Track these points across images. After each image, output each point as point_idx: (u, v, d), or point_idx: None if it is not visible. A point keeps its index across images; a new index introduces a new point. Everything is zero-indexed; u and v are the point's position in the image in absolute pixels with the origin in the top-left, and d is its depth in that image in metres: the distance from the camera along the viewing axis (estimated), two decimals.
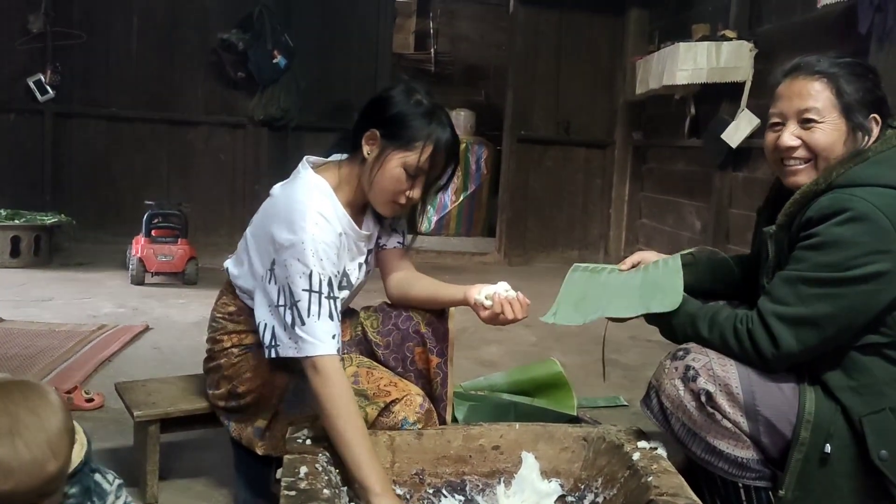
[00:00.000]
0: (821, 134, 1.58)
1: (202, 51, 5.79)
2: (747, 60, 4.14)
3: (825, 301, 1.48)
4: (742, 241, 4.35)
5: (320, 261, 1.61)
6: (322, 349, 1.58)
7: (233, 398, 1.81)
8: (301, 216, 1.62)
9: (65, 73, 5.57)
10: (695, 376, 1.55)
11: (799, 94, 1.59)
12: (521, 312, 1.70)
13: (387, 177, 1.68)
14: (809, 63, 1.61)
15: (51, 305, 3.87)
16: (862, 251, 1.45)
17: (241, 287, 1.79)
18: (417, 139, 1.67)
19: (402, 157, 1.67)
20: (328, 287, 1.61)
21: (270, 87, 5.74)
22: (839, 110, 1.57)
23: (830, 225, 1.48)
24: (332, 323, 1.60)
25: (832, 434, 1.50)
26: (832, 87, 1.56)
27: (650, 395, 1.65)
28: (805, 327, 1.49)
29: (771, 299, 1.53)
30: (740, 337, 1.54)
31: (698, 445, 1.58)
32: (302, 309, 1.59)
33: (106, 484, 1.30)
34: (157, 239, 4.47)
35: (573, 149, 6.12)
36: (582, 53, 6.01)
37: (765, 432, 1.53)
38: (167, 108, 5.84)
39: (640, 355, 3.37)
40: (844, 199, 1.48)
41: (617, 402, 2.79)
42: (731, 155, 4.32)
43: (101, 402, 2.48)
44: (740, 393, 1.52)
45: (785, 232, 1.60)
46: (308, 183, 1.71)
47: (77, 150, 5.76)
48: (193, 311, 3.82)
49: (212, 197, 5.90)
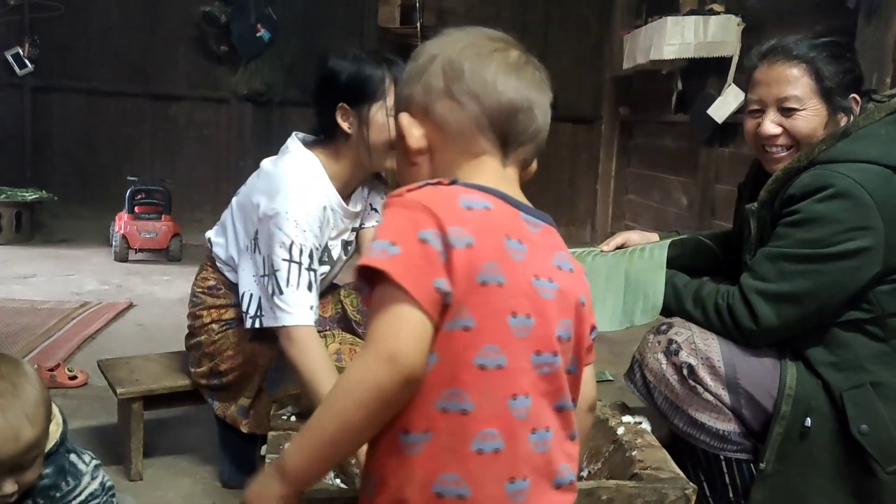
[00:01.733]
0: (802, 121, 1.57)
1: (184, 24, 5.68)
2: (735, 35, 4.11)
3: (806, 277, 1.48)
4: (728, 217, 4.34)
5: (303, 232, 1.60)
6: (296, 319, 1.57)
7: (215, 376, 1.80)
8: (287, 187, 1.62)
9: (43, 46, 5.45)
10: (677, 350, 1.56)
11: (777, 81, 1.58)
12: None
13: (381, 130, 1.66)
14: (787, 47, 1.58)
15: (33, 282, 3.83)
16: (843, 227, 1.45)
17: (222, 258, 1.78)
18: (382, 82, 1.65)
19: (379, 105, 1.66)
20: (308, 258, 1.60)
21: (254, 61, 5.66)
22: (819, 95, 1.56)
23: (812, 202, 1.48)
24: (309, 294, 1.60)
25: (812, 408, 1.51)
26: (811, 72, 1.55)
27: (633, 369, 1.67)
28: (786, 303, 1.50)
29: (753, 275, 1.54)
30: (721, 312, 1.55)
31: (680, 418, 1.59)
32: (280, 279, 1.59)
33: (81, 464, 1.30)
34: (140, 215, 4.43)
35: (560, 124, 6.08)
36: (569, 27, 5.97)
37: (746, 405, 1.55)
38: (149, 82, 5.75)
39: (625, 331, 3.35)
40: (826, 175, 1.48)
41: (602, 378, 2.80)
42: (717, 130, 4.32)
43: (84, 379, 2.46)
44: (722, 366, 1.54)
45: (767, 209, 1.60)
46: (297, 157, 1.71)
47: (58, 125, 5.66)
48: (177, 287, 3.80)
49: (196, 173, 5.84)
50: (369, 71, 1.66)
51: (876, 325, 1.52)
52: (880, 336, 1.52)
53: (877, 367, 1.51)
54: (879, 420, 1.48)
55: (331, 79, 1.68)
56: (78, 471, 1.29)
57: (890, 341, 1.52)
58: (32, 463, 1.16)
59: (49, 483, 1.24)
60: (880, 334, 1.52)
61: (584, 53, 6.00)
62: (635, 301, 1.65)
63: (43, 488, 1.23)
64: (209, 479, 1.92)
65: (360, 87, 1.66)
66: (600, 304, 1.69)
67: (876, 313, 1.51)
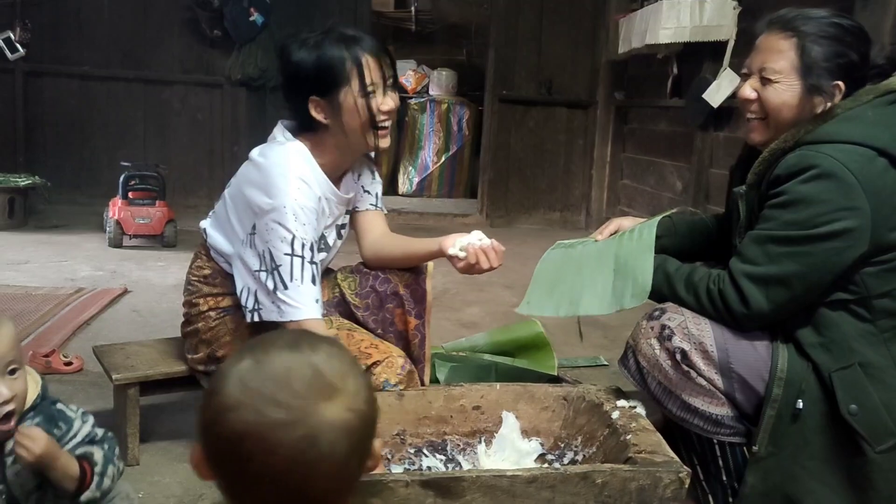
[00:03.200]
0: (773, 93, 1.58)
1: (176, 7, 5.63)
2: (731, 18, 4.10)
3: (794, 259, 1.49)
4: (722, 202, 4.35)
5: (303, 225, 1.60)
6: (306, 313, 1.58)
7: (212, 362, 1.80)
8: (282, 180, 1.61)
9: (35, 30, 5.39)
10: (670, 335, 1.57)
11: (766, 49, 1.59)
12: (495, 261, 1.69)
13: (353, 114, 1.66)
14: (786, 18, 1.59)
15: (27, 268, 3.82)
16: (828, 208, 1.46)
17: (218, 249, 1.78)
18: (345, 66, 1.64)
19: (347, 90, 1.65)
20: (310, 252, 1.61)
21: (247, 45, 5.62)
22: (798, 72, 1.55)
23: (796, 182, 1.48)
24: (314, 287, 1.60)
25: (804, 390, 1.52)
26: (798, 47, 1.55)
27: (627, 354, 1.67)
28: (775, 286, 1.51)
29: (741, 259, 1.55)
30: (712, 297, 1.56)
31: (674, 403, 1.60)
32: (284, 273, 1.58)
33: (69, 412, 1.35)
34: (134, 201, 4.41)
35: (555, 109, 6.08)
36: (564, 11, 5.93)
37: (739, 389, 1.56)
38: (142, 67, 5.71)
39: (619, 316, 3.36)
40: (810, 156, 1.48)
41: (597, 362, 2.81)
42: (712, 115, 4.31)
43: (79, 365, 2.46)
44: (714, 351, 1.55)
45: (755, 191, 1.60)
46: (287, 147, 1.69)
47: (50, 110, 5.62)
48: (172, 273, 3.79)
49: (190, 158, 5.81)
50: (330, 57, 1.64)
51: (862, 306, 1.53)
52: (866, 317, 1.53)
53: (864, 347, 1.52)
54: (868, 400, 1.50)
55: (296, 74, 1.67)
56: (67, 417, 1.34)
57: (876, 322, 1.53)
58: (18, 371, 1.24)
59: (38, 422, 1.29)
60: (866, 315, 1.53)
61: (580, 38, 5.97)
62: (624, 285, 1.65)
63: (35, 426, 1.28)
64: None
65: (324, 77, 1.64)
66: (591, 288, 1.70)
67: (862, 294, 1.52)
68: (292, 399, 0.72)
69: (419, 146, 7.04)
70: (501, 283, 3.80)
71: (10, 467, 1.27)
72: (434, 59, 7.47)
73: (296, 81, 1.67)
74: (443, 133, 7.01)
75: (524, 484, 1.36)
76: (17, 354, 1.24)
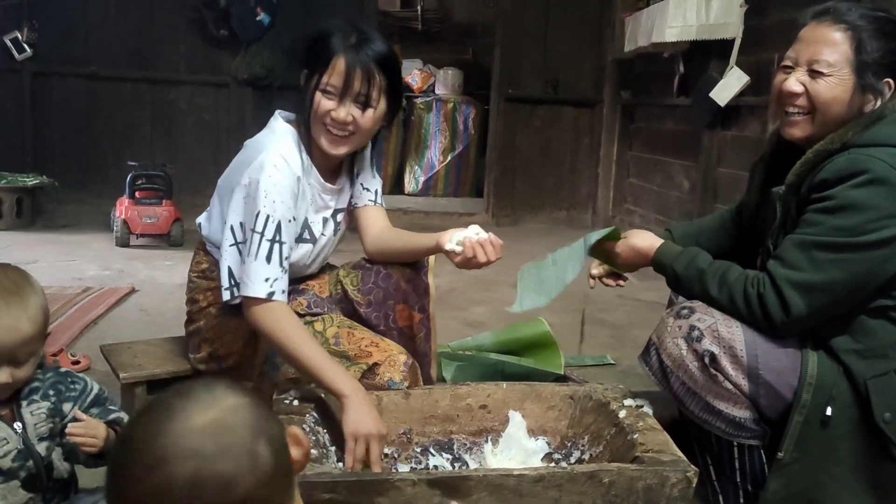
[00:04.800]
0: (825, 87, 1.52)
1: (183, 7, 5.64)
2: (737, 17, 4.08)
3: (839, 266, 1.44)
4: (730, 201, 4.34)
5: (272, 203, 1.60)
6: (251, 291, 1.58)
7: (214, 361, 1.80)
8: (261, 158, 1.63)
9: (42, 30, 5.42)
10: (699, 337, 1.52)
11: (816, 41, 1.53)
12: (493, 254, 1.67)
13: (312, 103, 1.67)
14: (839, 10, 1.54)
15: (35, 268, 3.83)
16: (879, 215, 1.41)
17: (211, 240, 1.79)
18: (327, 59, 1.65)
19: (315, 80, 1.66)
20: (275, 230, 1.60)
21: (254, 45, 5.63)
22: (852, 66, 1.50)
23: (846, 187, 1.43)
24: (267, 266, 1.59)
25: (833, 397, 1.48)
26: (853, 41, 1.49)
27: (650, 351, 1.62)
28: (817, 293, 1.46)
29: (783, 264, 1.49)
30: (750, 301, 1.50)
31: (697, 404, 1.56)
32: (243, 250, 1.61)
33: (76, 373, 1.41)
34: (141, 200, 4.42)
35: (561, 108, 6.06)
36: (570, 10, 5.92)
37: (764, 394, 1.52)
38: (148, 67, 5.72)
39: (627, 314, 3.39)
40: (862, 160, 1.43)
41: (604, 361, 2.80)
42: (719, 113, 4.29)
43: (87, 364, 2.47)
44: (744, 356, 1.50)
45: (794, 193, 1.54)
46: (275, 130, 1.72)
47: (57, 110, 5.64)
48: (179, 272, 3.79)
49: (196, 157, 5.82)
50: (321, 39, 1.67)
51: None
52: None
53: None
54: None
55: (300, 45, 1.73)
56: (75, 374, 1.39)
57: None
58: (27, 360, 1.26)
59: (55, 380, 1.34)
60: None
61: (586, 36, 5.96)
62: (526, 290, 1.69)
63: (50, 385, 1.33)
64: None
65: (313, 54, 1.68)
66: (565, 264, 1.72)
67: None
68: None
69: (425, 145, 7.03)
70: (508, 283, 3.78)
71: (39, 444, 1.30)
72: (440, 58, 7.46)
73: (301, 52, 1.73)
74: (449, 132, 7.00)
75: (531, 483, 1.36)
76: (33, 345, 1.26)
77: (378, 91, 1.67)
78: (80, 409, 1.33)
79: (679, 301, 1.74)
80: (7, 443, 1.26)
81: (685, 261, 1.62)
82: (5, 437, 1.26)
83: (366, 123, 1.68)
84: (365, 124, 1.68)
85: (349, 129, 1.68)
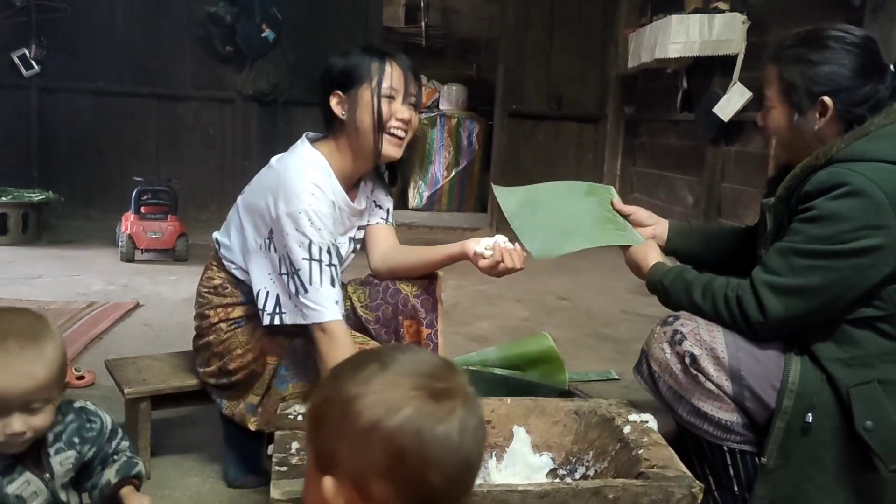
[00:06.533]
0: (770, 119, 1.66)
1: (189, 24, 5.70)
2: (740, 33, 4.11)
3: (816, 273, 1.49)
4: (734, 216, 4.35)
5: (318, 230, 1.63)
6: (328, 315, 1.62)
7: (223, 375, 1.81)
8: (297, 186, 1.64)
9: (50, 47, 5.47)
10: (681, 339, 1.58)
11: (764, 80, 1.67)
12: (519, 262, 1.73)
13: (365, 111, 1.71)
14: (773, 48, 1.66)
15: (40, 283, 3.85)
16: (856, 225, 1.46)
17: (230, 258, 1.79)
18: (371, 68, 1.72)
19: (367, 87, 1.71)
20: (328, 255, 1.64)
21: (259, 60, 5.67)
22: (783, 95, 1.61)
23: (826, 199, 1.49)
24: (334, 290, 1.63)
25: (814, 404, 1.51)
26: (777, 73, 1.61)
27: (641, 360, 1.68)
28: (794, 297, 1.51)
29: (764, 269, 1.55)
30: (730, 303, 1.57)
31: (684, 408, 1.60)
32: (304, 277, 1.62)
33: (88, 406, 1.40)
34: (146, 215, 4.44)
35: (565, 123, 6.09)
36: (574, 26, 5.96)
37: (749, 398, 1.56)
38: (154, 83, 5.77)
39: (631, 329, 3.38)
40: (842, 173, 1.49)
41: (608, 376, 2.80)
42: (723, 129, 4.31)
43: (91, 379, 2.47)
44: (726, 357, 1.55)
45: (784, 204, 1.61)
46: (304, 156, 1.74)
47: (64, 126, 5.68)
48: (184, 287, 3.81)
49: (201, 172, 5.85)
50: (357, 59, 1.74)
51: (888, 323, 1.52)
52: (892, 334, 1.52)
53: (886, 364, 1.51)
54: (885, 417, 1.48)
55: (327, 73, 1.77)
56: (90, 410, 1.38)
57: None
58: (42, 408, 1.22)
59: (78, 424, 1.33)
60: (892, 332, 1.52)
61: (589, 52, 6.00)
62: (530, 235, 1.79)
63: (74, 430, 1.32)
64: (216, 478, 1.92)
65: (349, 74, 1.73)
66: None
67: (889, 311, 1.51)
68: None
69: (429, 160, 7.06)
70: (512, 297, 3.79)
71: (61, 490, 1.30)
72: (444, 73, 7.51)
73: (325, 79, 1.76)
74: (453, 147, 7.03)
75: (535, 499, 1.35)
76: (48, 392, 1.21)
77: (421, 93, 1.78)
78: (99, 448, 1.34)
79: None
80: (38, 496, 1.24)
81: (673, 275, 1.70)
82: (36, 490, 1.24)
83: (416, 123, 1.78)
84: (416, 124, 1.78)
85: (408, 128, 1.76)
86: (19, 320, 1.22)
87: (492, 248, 1.73)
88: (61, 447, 1.29)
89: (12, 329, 1.20)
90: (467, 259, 1.77)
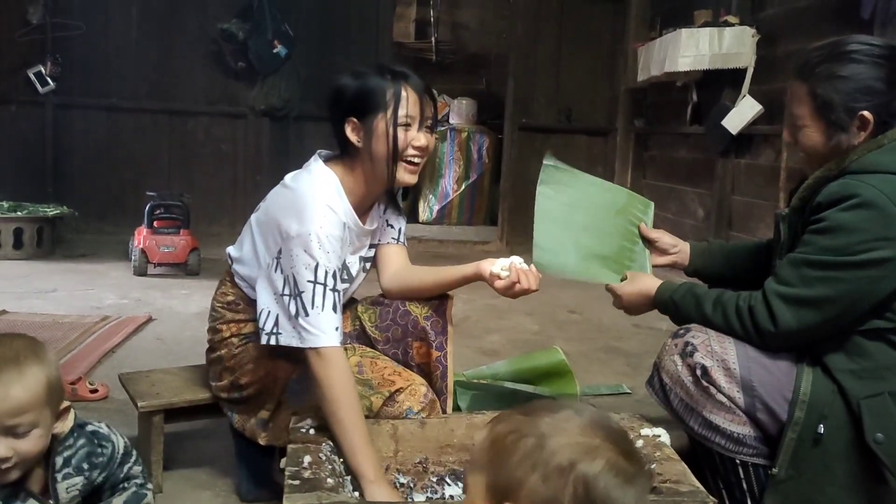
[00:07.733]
0: (804, 137, 1.62)
1: (202, 41, 5.76)
2: (749, 46, 4.11)
3: (827, 284, 1.49)
4: (745, 228, 4.34)
5: (326, 253, 1.61)
6: (325, 341, 1.59)
7: (235, 389, 1.81)
8: (310, 208, 1.63)
9: (65, 64, 5.55)
10: (692, 351, 1.58)
11: (791, 98, 1.64)
12: (535, 283, 1.72)
13: (382, 141, 1.69)
14: (800, 64, 1.62)
15: (54, 297, 3.88)
16: (866, 237, 1.46)
17: (242, 274, 1.80)
18: (385, 95, 1.69)
19: (383, 116, 1.69)
20: (332, 279, 1.62)
21: (271, 76, 5.73)
22: (817, 113, 1.58)
23: (837, 210, 1.49)
24: (335, 315, 1.61)
25: (826, 416, 1.51)
26: (809, 91, 1.58)
27: (653, 373, 1.69)
28: (805, 308, 1.51)
29: (776, 279, 1.56)
30: (741, 313, 1.57)
31: (695, 420, 1.60)
32: (306, 300, 1.60)
33: (102, 430, 1.39)
34: (159, 230, 4.47)
35: (574, 136, 6.10)
36: (583, 40, 5.98)
37: (761, 410, 1.55)
38: (167, 99, 5.83)
39: (642, 343, 3.37)
40: (853, 185, 1.49)
41: (620, 390, 2.79)
42: (733, 142, 4.31)
43: (105, 392, 2.48)
44: (737, 369, 1.55)
45: (798, 215, 1.62)
46: (318, 175, 1.73)
47: (78, 142, 5.75)
48: (196, 301, 3.83)
49: (213, 187, 5.90)
50: (372, 84, 1.71)
51: None
52: None
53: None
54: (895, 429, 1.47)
55: (338, 96, 1.74)
56: (103, 435, 1.38)
57: None
58: (28, 433, 1.19)
59: (88, 450, 1.33)
60: None
61: (599, 66, 6.02)
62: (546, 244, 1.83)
63: (83, 456, 1.32)
64: (228, 491, 1.93)
65: (363, 101, 1.70)
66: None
67: None
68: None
69: (439, 174, 7.08)
70: (522, 311, 3.79)
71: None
72: (454, 88, 7.54)
73: (337, 103, 1.74)
74: (463, 161, 7.05)
75: None
76: (32, 416, 1.19)
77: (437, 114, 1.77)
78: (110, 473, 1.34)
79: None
80: None
81: (682, 291, 1.70)
82: None
83: (432, 146, 1.78)
84: (432, 147, 1.77)
85: (425, 154, 1.76)
86: (7, 345, 1.20)
87: (508, 268, 1.72)
88: (69, 472, 1.28)
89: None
90: (482, 280, 1.76)
